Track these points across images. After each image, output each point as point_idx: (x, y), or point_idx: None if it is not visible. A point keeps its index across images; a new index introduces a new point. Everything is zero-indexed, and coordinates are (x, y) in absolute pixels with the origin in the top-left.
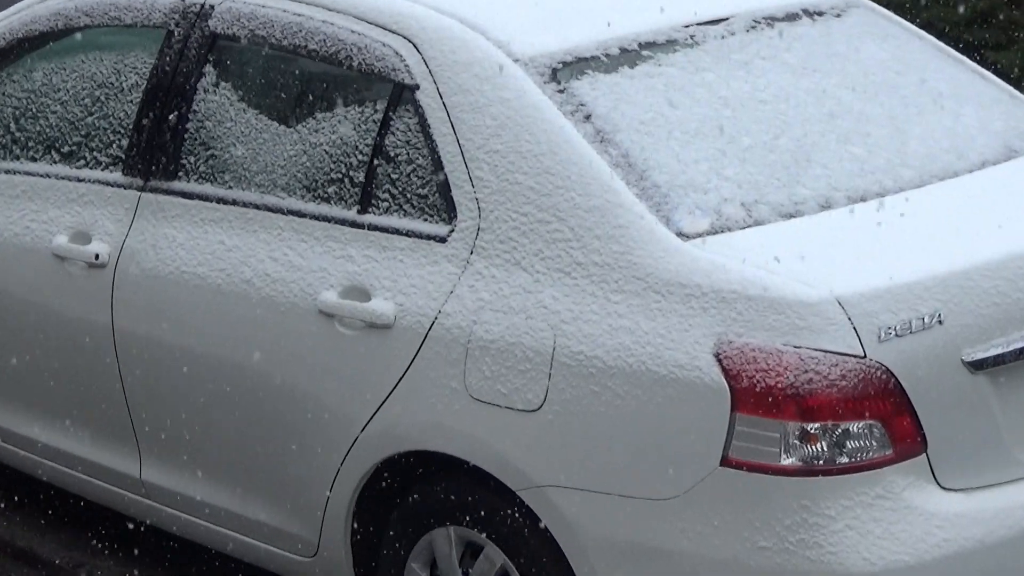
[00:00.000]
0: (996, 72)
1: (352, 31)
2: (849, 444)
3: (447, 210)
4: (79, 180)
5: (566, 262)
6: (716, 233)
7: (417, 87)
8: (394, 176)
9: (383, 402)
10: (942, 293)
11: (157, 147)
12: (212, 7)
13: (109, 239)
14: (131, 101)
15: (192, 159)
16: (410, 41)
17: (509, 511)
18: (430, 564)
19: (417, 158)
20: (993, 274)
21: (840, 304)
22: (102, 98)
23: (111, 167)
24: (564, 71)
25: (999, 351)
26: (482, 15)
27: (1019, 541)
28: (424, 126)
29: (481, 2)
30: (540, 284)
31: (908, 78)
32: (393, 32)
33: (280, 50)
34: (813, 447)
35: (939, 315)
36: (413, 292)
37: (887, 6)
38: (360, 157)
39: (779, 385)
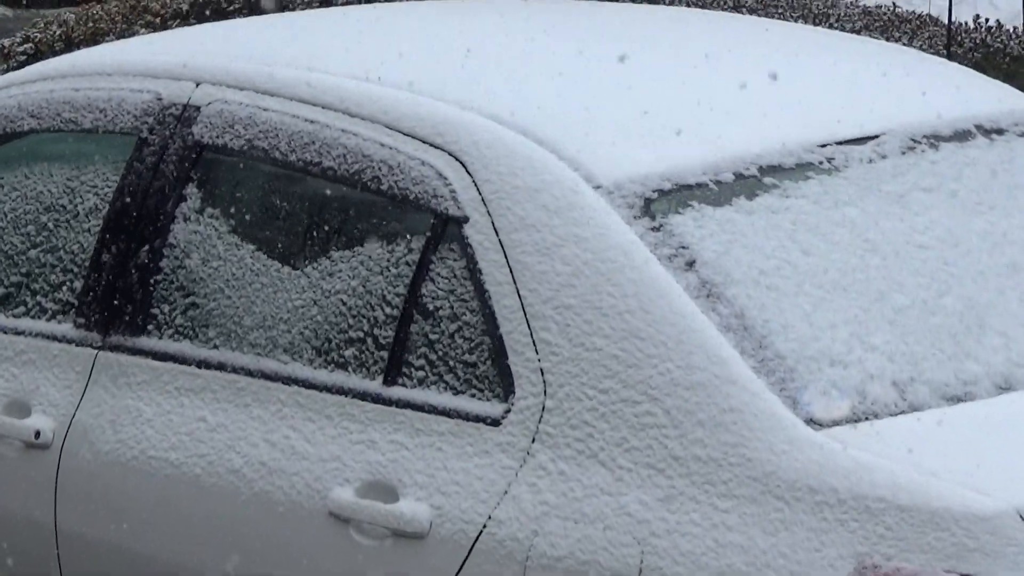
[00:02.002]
0: None
1: (382, 144)
2: None
3: (502, 383)
4: (16, 333)
5: (659, 456)
6: (859, 421)
7: (465, 219)
8: (432, 336)
9: None
10: None
11: (121, 291)
12: (197, 109)
13: (54, 411)
14: (88, 230)
15: (166, 308)
16: (457, 159)
17: None
18: None
19: (463, 313)
20: None
21: None
22: (49, 225)
23: (59, 317)
24: (660, 202)
25: None
26: (552, 125)
27: None
28: (474, 271)
29: (550, 108)
30: (624, 484)
31: None
32: (436, 147)
33: (286, 167)
34: None
35: None
36: (455, 491)
37: None
38: (388, 311)
39: None
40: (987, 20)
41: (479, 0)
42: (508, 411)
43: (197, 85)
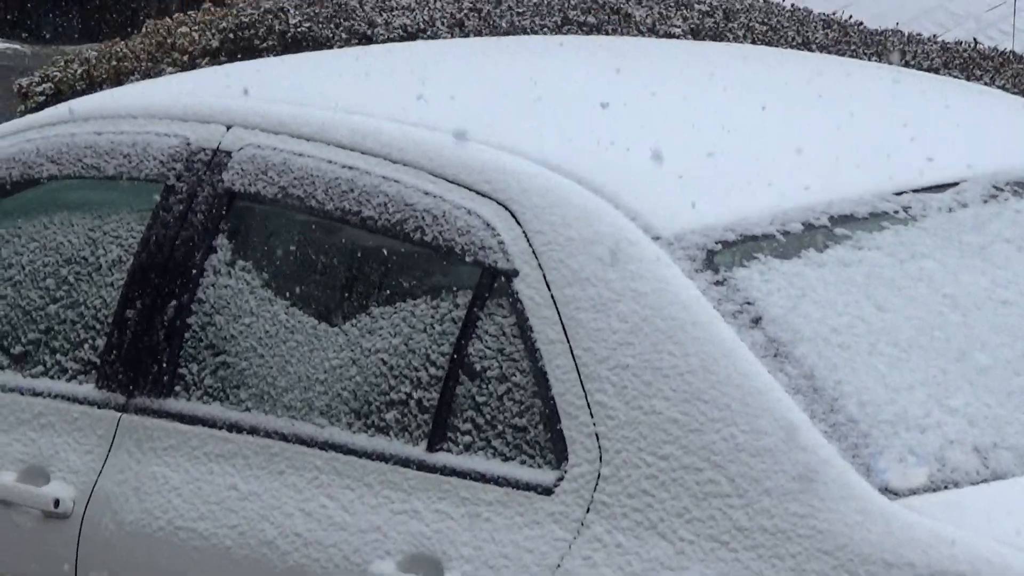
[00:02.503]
0: None
1: (425, 192)
2: None
3: (554, 449)
4: (34, 394)
5: (723, 527)
6: (938, 490)
7: (515, 273)
8: (480, 399)
9: None
10: None
11: (146, 350)
12: (228, 154)
13: (74, 479)
14: (111, 284)
15: (195, 368)
16: (507, 208)
17: None
18: None
19: (513, 373)
20: None
21: None
22: (70, 278)
23: (80, 377)
24: (724, 255)
25: None
26: (608, 172)
27: None
28: (524, 328)
29: (606, 153)
30: (685, 558)
31: None
32: (483, 195)
33: (323, 217)
34: None
35: None
36: (503, 565)
37: None
38: (432, 371)
39: None
40: None
41: (523, 39)
42: (561, 479)
43: (228, 129)
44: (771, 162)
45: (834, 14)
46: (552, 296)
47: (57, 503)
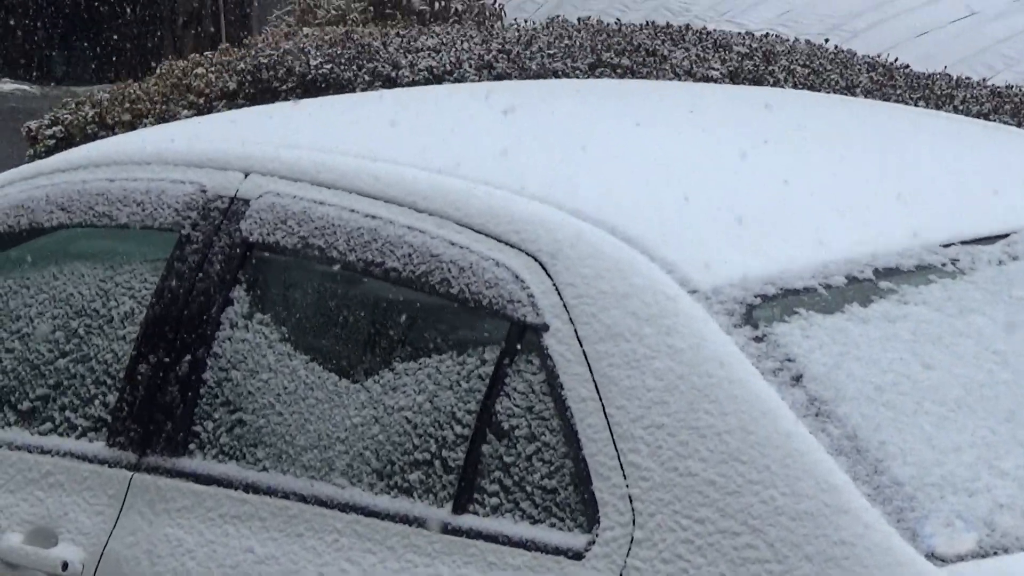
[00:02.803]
0: None
1: (452, 243)
2: None
3: (585, 512)
4: (42, 452)
5: None
6: (987, 556)
7: (545, 327)
8: (507, 459)
9: None
10: None
11: (159, 406)
12: (246, 202)
13: (84, 540)
14: (123, 337)
15: (210, 426)
16: (536, 260)
17: None
18: None
19: (542, 433)
20: None
21: None
22: (80, 331)
23: (90, 434)
24: (764, 309)
25: None
26: (643, 222)
27: None
28: (554, 386)
29: (640, 202)
30: None
31: None
32: (512, 246)
33: (344, 268)
34: None
35: None
36: None
37: None
38: (458, 430)
39: None
40: None
41: (553, 83)
42: (592, 543)
43: (246, 176)
44: (813, 212)
45: (879, 57)
46: (584, 352)
47: (65, 566)
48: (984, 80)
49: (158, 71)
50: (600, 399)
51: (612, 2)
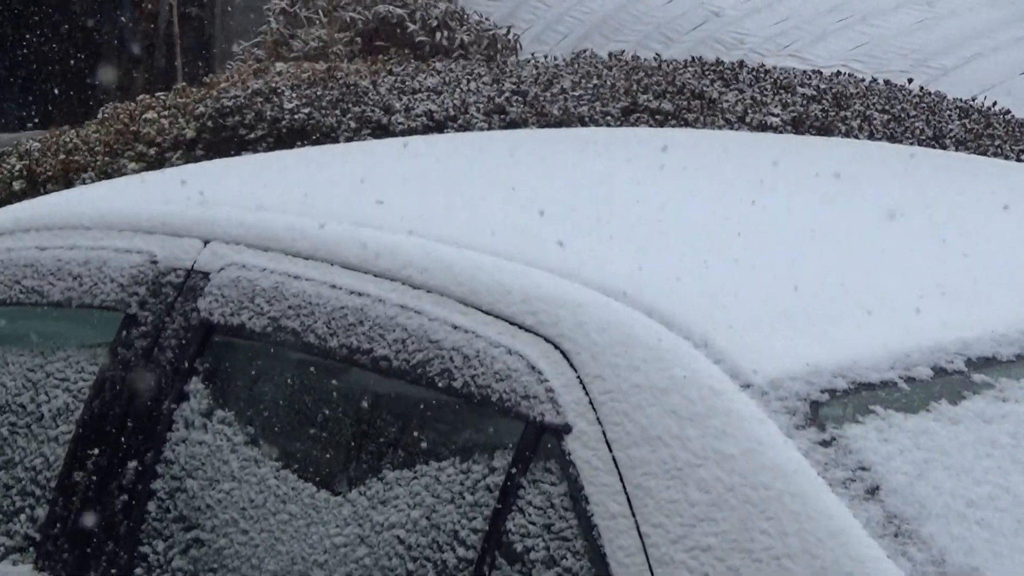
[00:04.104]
0: None
1: (454, 326)
2: None
3: None
4: None
5: None
6: None
7: (567, 429)
8: None
9: None
10: None
11: (99, 522)
12: (205, 276)
13: None
14: (55, 439)
15: (160, 547)
16: (557, 347)
17: None
18: None
19: (563, 556)
20: None
21: None
22: (3, 432)
23: (14, 556)
24: (832, 407)
25: None
26: (684, 301)
27: None
28: (577, 499)
29: (681, 277)
30: None
31: None
32: (527, 330)
33: (324, 356)
34: None
35: None
36: None
37: None
38: (462, 552)
39: None
40: None
41: (576, 132)
42: None
43: (205, 244)
44: (891, 290)
45: (973, 100)
46: (614, 458)
47: None
48: None
49: (100, 115)
50: (633, 516)
51: (650, 32)
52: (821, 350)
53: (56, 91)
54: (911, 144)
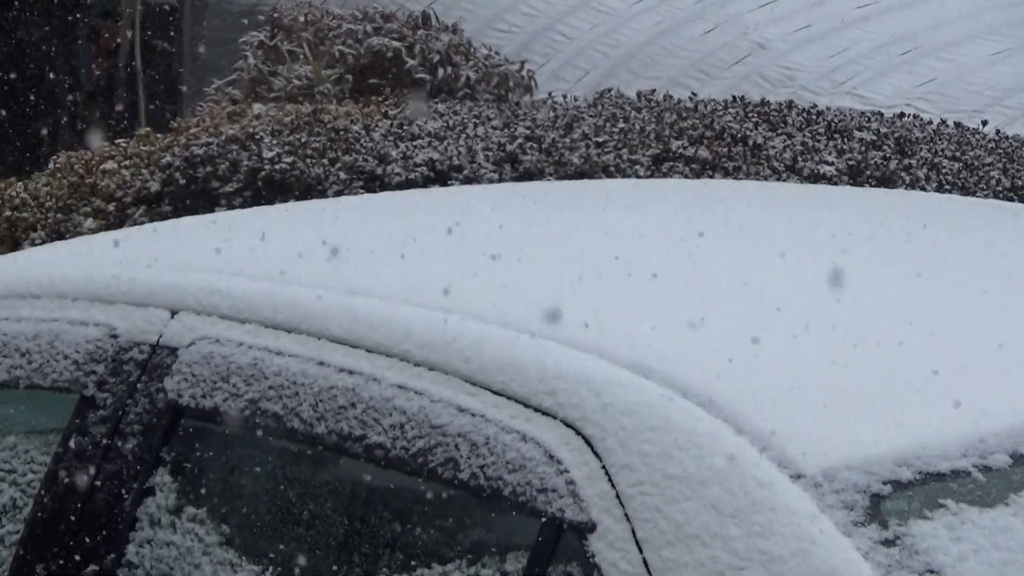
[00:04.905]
0: None
1: (460, 408)
2: None
3: None
4: None
5: None
6: None
7: (591, 527)
8: None
9: None
10: None
11: None
12: (174, 352)
13: None
14: (0, 540)
15: None
16: (578, 432)
17: None
18: None
19: None
20: None
21: None
22: None
23: None
24: (896, 500)
25: None
26: (725, 379)
27: None
28: None
29: (720, 350)
30: None
31: None
32: (544, 412)
33: (310, 443)
34: None
35: None
36: None
37: None
38: None
39: None
40: None
41: (598, 185)
42: None
43: (173, 314)
44: (963, 364)
45: None
46: (644, 560)
47: None
48: None
49: (51, 165)
50: None
51: (685, 68)
52: (882, 435)
53: (4, 140)
54: (985, 196)
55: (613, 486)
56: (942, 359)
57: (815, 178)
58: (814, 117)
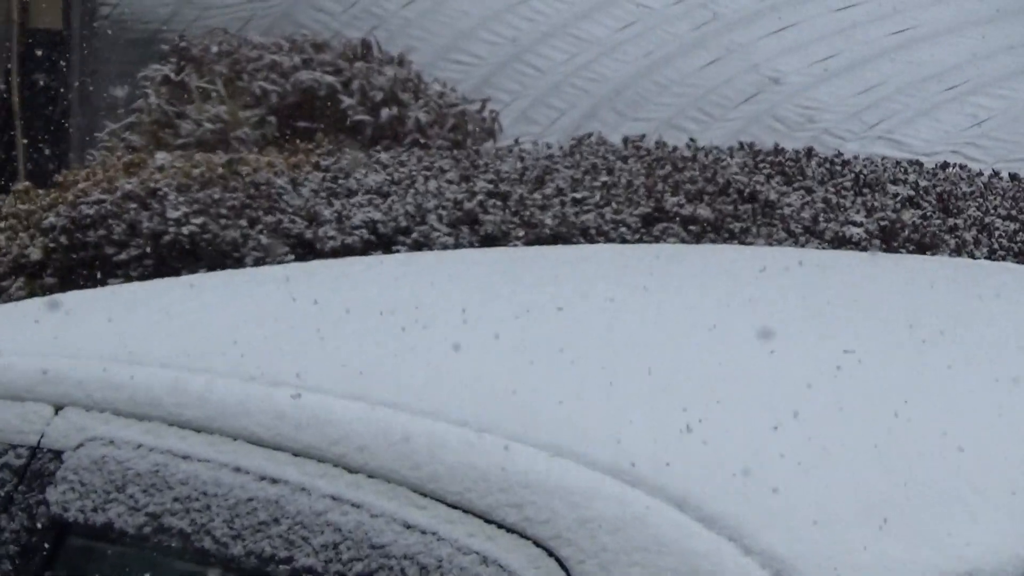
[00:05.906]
0: None
1: (407, 525)
2: None
3: None
4: None
5: None
6: None
7: None
8: None
9: None
10: None
11: None
12: (58, 456)
13: None
14: None
15: None
16: (551, 552)
17: None
18: None
19: None
20: None
21: None
22: None
23: None
24: None
25: None
26: (728, 490)
27: None
28: None
29: (721, 454)
30: None
31: None
32: (509, 530)
33: (225, 566)
34: None
35: None
36: None
37: None
38: None
39: None
40: None
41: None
42: None
43: (57, 411)
44: (1011, 469)
45: None
46: None
47: None
48: None
49: None
50: None
51: (682, 108)
52: (926, 558)
53: None
54: None
55: None
56: (997, 469)
57: (839, 242)
58: (838, 168)
